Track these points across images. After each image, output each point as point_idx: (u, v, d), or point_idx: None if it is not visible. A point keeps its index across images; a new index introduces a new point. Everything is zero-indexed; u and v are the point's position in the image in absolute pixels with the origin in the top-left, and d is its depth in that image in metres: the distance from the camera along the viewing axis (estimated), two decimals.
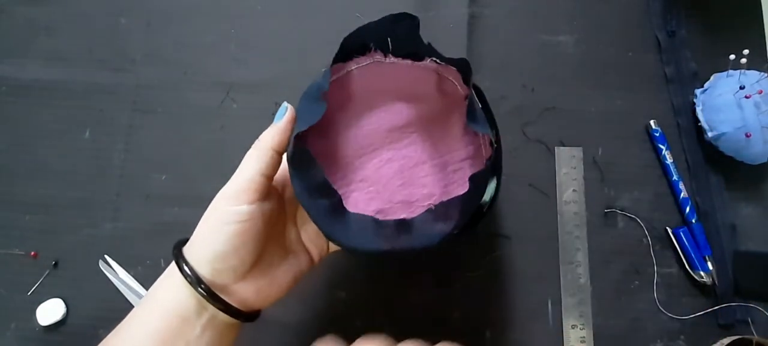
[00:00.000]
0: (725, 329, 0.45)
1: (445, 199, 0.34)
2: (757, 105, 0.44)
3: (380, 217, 0.35)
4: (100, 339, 0.33)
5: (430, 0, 0.52)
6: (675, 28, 0.51)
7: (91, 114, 0.50)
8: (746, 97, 0.44)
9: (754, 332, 0.43)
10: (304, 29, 0.52)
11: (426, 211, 0.34)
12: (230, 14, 0.53)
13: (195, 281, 0.31)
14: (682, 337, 0.45)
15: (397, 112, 0.38)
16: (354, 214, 0.33)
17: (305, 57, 0.51)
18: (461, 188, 0.33)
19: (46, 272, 0.47)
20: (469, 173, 0.35)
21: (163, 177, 0.49)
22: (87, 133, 0.50)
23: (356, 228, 0.33)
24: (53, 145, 0.50)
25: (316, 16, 0.52)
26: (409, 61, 0.36)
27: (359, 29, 0.34)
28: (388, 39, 0.35)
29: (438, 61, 0.35)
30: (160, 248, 0.47)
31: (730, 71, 0.47)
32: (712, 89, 0.47)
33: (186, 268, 0.31)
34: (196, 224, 0.33)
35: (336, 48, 0.51)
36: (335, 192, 0.32)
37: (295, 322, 0.46)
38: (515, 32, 0.52)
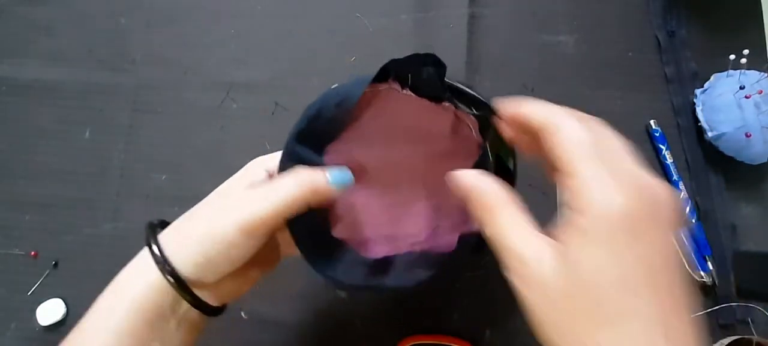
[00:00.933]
0: (725, 329, 0.45)
1: (430, 242, 0.34)
2: (757, 105, 0.44)
3: (362, 248, 0.34)
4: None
5: (430, 0, 0.52)
6: (675, 28, 0.51)
7: (91, 114, 0.50)
8: (746, 97, 0.44)
9: (754, 332, 0.43)
10: (304, 29, 0.52)
11: (408, 253, 0.34)
12: (230, 14, 0.53)
13: (178, 284, 0.29)
14: None
15: (401, 145, 0.36)
16: (338, 242, 0.33)
17: (305, 57, 0.51)
18: (448, 234, 0.32)
19: (46, 272, 0.47)
20: (459, 221, 0.34)
21: (163, 177, 0.49)
22: (87, 133, 0.50)
23: (337, 258, 0.32)
24: (53, 145, 0.50)
25: (316, 17, 0.52)
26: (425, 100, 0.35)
27: (383, 66, 0.33)
28: (409, 75, 0.33)
29: (456, 105, 0.34)
30: None
31: (730, 71, 0.47)
32: (712, 89, 0.47)
33: (166, 268, 0.29)
34: None
35: (336, 48, 0.51)
36: (323, 219, 0.32)
37: (295, 322, 0.46)
38: (515, 32, 0.52)
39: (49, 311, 0.45)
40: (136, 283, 0.29)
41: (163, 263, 0.29)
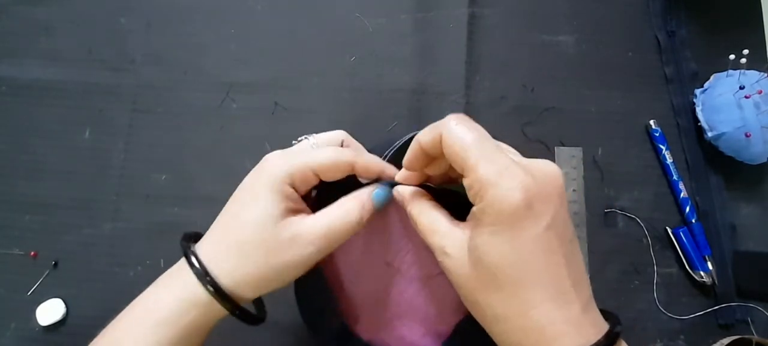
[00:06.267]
0: (725, 329, 0.45)
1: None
2: (757, 105, 0.44)
3: (439, 341, 0.35)
4: None
5: (430, 0, 0.52)
6: (675, 28, 0.51)
7: (91, 114, 0.50)
8: (746, 97, 0.44)
9: (754, 332, 0.44)
10: (303, 29, 0.52)
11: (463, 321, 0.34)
12: (230, 14, 0.52)
13: (233, 308, 0.29)
14: (682, 337, 0.45)
15: (387, 238, 0.35)
16: None
17: (305, 57, 0.51)
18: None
19: (46, 272, 0.47)
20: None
21: (163, 177, 0.49)
22: (87, 133, 0.50)
23: None
24: (53, 145, 0.50)
25: (316, 17, 0.52)
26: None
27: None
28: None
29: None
30: (160, 248, 0.47)
31: (730, 71, 0.47)
32: (712, 89, 0.47)
33: (218, 289, 0.29)
34: (196, 224, 0.32)
35: (336, 48, 0.51)
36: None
37: (294, 323, 0.45)
38: (515, 32, 0.52)
39: (49, 311, 0.45)
40: (188, 315, 0.29)
41: (206, 277, 0.28)
